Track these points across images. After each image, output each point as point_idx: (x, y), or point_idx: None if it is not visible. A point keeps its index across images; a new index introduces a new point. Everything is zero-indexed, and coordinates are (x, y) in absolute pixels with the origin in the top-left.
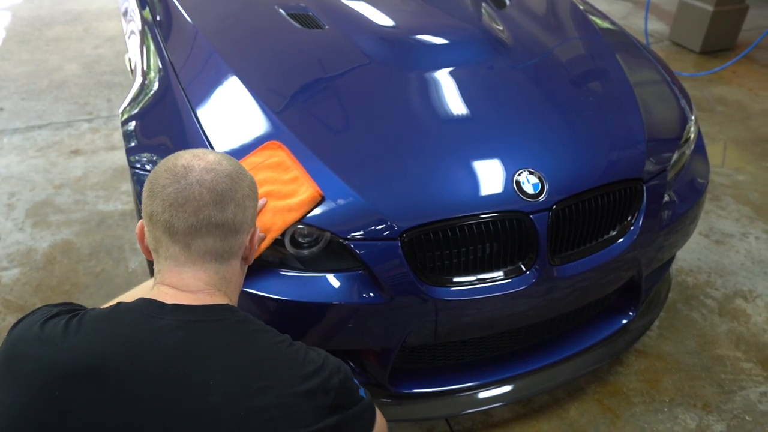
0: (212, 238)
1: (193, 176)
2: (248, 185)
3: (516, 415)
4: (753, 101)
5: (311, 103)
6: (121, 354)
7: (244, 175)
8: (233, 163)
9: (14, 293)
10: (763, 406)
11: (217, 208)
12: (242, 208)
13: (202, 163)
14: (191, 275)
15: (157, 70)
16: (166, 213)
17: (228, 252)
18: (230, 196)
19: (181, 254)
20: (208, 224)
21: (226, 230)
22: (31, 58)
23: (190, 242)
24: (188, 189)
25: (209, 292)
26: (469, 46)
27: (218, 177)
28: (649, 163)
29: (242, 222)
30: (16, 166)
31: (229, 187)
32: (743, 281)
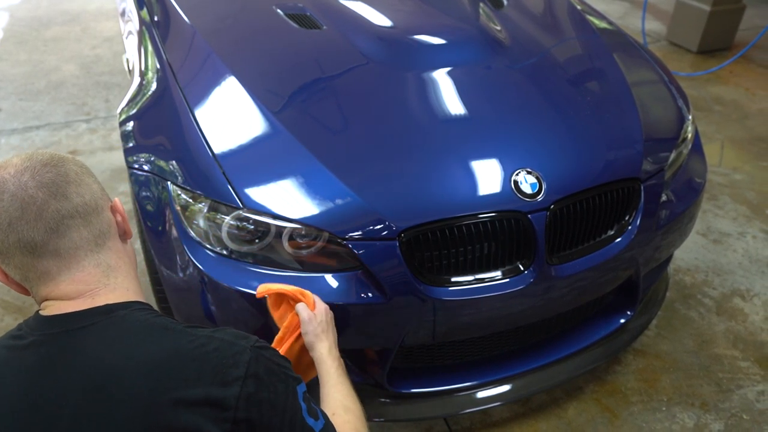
0: (75, 231)
1: (11, 185)
2: (74, 163)
3: (514, 415)
4: (750, 101)
5: (309, 103)
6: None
7: (63, 158)
8: (46, 153)
9: (12, 293)
10: (760, 404)
11: (58, 199)
12: (84, 186)
13: (11, 169)
14: (68, 282)
15: (155, 70)
16: (11, 235)
17: (99, 236)
18: (63, 180)
19: (52, 266)
20: (61, 219)
21: (84, 215)
22: (28, 58)
23: (57, 247)
24: (14, 199)
25: (92, 292)
26: (466, 46)
27: (38, 171)
28: (646, 162)
29: (94, 199)
30: None
31: (56, 174)
32: (741, 280)
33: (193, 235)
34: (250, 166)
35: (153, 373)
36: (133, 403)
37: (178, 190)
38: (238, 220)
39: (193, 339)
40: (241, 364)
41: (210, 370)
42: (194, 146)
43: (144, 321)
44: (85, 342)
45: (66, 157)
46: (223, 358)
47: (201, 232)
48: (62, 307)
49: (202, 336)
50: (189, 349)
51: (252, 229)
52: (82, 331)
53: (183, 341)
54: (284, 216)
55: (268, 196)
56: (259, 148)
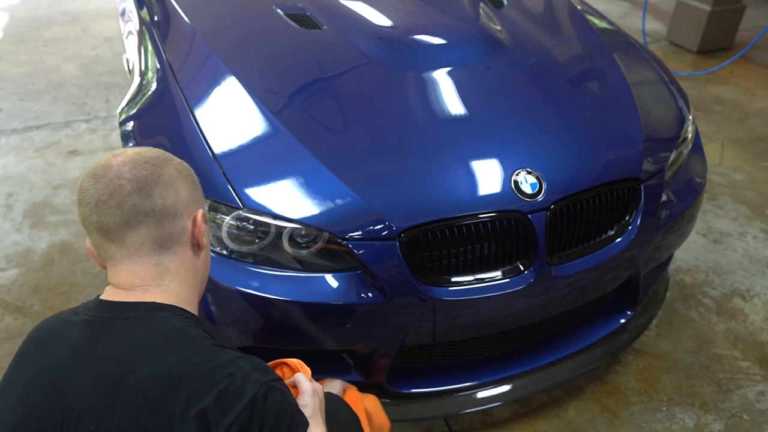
0: (145, 228)
1: (112, 172)
2: (175, 167)
3: (515, 415)
4: (750, 101)
5: (309, 103)
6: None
7: (168, 159)
8: (156, 151)
9: (12, 294)
10: (760, 404)
11: (141, 196)
12: (171, 190)
13: (120, 158)
14: (127, 272)
15: (155, 70)
16: (94, 215)
17: (168, 239)
18: (153, 180)
19: (117, 252)
20: (136, 213)
21: (159, 216)
22: (28, 58)
23: (124, 237)
24: (109, 185)
25: (144, 288)
26: (466, 46)
27: (137, 166)
28: (646, 162)
29: (175, 205)
30: (14, 166)
31: (151, 172)
32: (741, 280)
33: None
34: (250, 166)
35: (161, 381)
36: (135, 405)
37: None
38: (238, 220)
39: (213, 358)
40: (247, 395)
41: (215, 393)
42: (194, 146)
43: (176, 329)
44: (121, 333)
45: (170, 160)
46: (232, 386)
47: None
48: (117, 294)
49: (224, 358)
50: (205, 367)
51: (252, 229)
52: (125, 322)
53: (203, 358)
54: (284, 216)
55: (268, 196)
56: (259, 148)
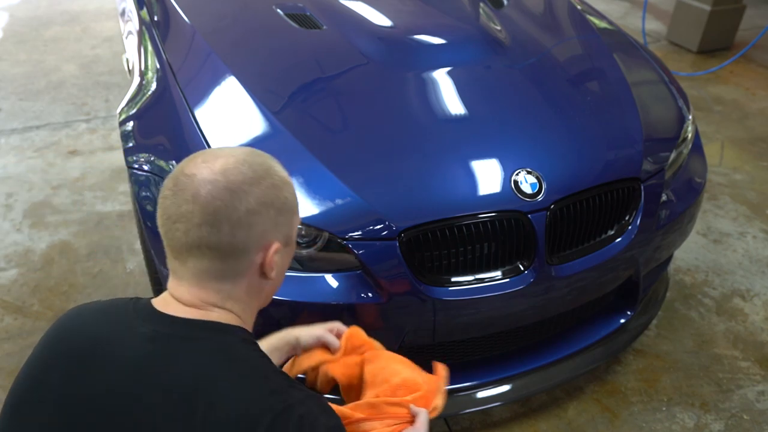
0: (208, 260)
1: (190, 190)
2: (261, 193)
3: (514, 415)
4: (750, 101)
5: (309, 103)
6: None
7: (259, 180)
8: (243, 169)
9: (12, 294)
10: (760, 404)
11: (210, 230)
12: (244, 227)
13: (205, 171)
14: (187, 290)
15: (154, 70)
16: (164, 227)
17: (231, 273)
18: (225, 215)
19: (179, 269)
20: (200, 246)
21: (224, 252)
22: (28, 58)
23: (185, 260)
24: (182, 205)
25: (207, 308)
26: (466, 46)
27: (215, 192)
28: (646, 162)
29: (245, 242)
30: (13, 166)
31: (226, 204)
32: (741, 280)
33: None
34: None
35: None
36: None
37: None
38: None
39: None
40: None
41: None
42: (194, 146)
43: (246, 359)
44: (187, 357)
45: (260, 181)
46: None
47: None
48: (177, 309)
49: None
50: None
51: None
52: (189, 344)
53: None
54: None
55: None
56: (259, 148)
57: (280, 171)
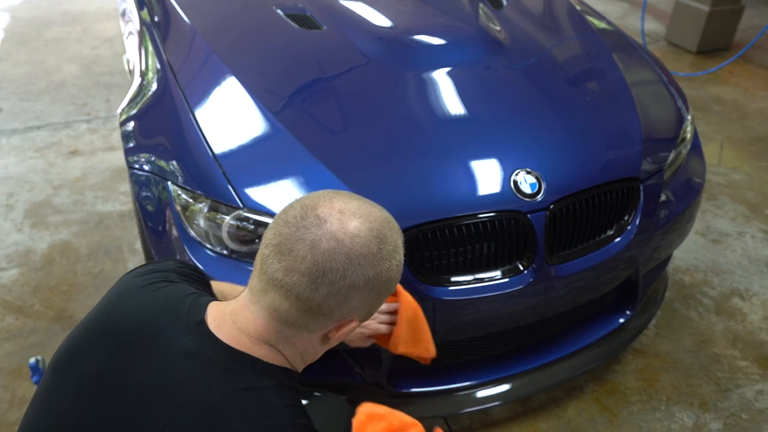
0: (289, 304)
1: (313, 234)
2: (368, 278)
3: (514, 414)
4: (749, 101)
5: (309, 103)
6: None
7: (371, 265)
8: (372, 244)
9: (13, 294)
10: (759, 404)
11: (309, 284)
12: (340, 296)
13: (336, 225)
14: (252, 317)
15: (155, 70)
16: (267, 248)
17: (301, 325)
18: (331, 279)
19: (256, 293)
20: (290, 289)
21: (308, 307)
22: (29, 58)
23: (270, 291)
24: (298, 243)
25: (254, 342)
26: (466, 46)
27: (334, 254)
28: (645, 162)
29: (332, 310)
30: (14, 166)
31: (338, 269)
32: (740, 280)
33: (193, 235)
34: (251, 166)
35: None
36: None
37: (179, 190)
38: (239, 220)
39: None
40: None
41: None
42: (194, 146)
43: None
44: (218, 388)
45: (380, 263)
46: None
47: (201, 232)
48: (230, 333)
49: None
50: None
51: (252, 229)
52: (226, 375)
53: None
54: None
55: (268, 196)
56: (259, 148)
57: (401, 252)
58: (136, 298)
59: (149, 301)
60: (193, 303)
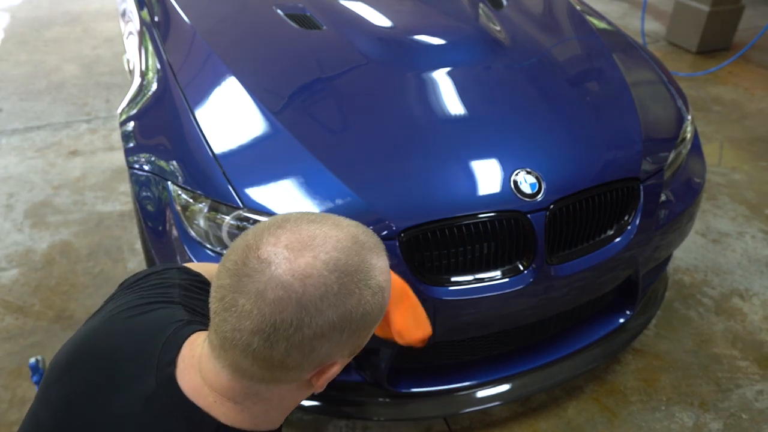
0: (249, 362)
1: (257, 284)
2: (331, 322)
3: (514, 414)
4: (749, 101)
5: (309, 103)
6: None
7: (333, 307)
8: (329, 281)
9: (13, 294)
10: (759, 404)
11: (263, 343)
12: (303, 349)
13: (282, 266)
14: (213, 370)
15: (155, 70)
16: (214, 303)
17: (272, 380)
18: (285, 334)
19: (215, 349)
20: (245, 349)
21: (271, 364)
22: (29, 59)
23: (225, 348)
24: (241, 298)
25: (217, 398)
26: (466, 46)
27: (284, 301)
28: (645, 162)
29: (299, 363)
30: (14, 166)
31: (290, 320)
32: (740, 280)
33: (193, 235)
34: (251, 166)
35: None
36: None
37: (179, 190)
38: (239, 220)
39: None
40: None
41: None
42: (194, 146)
43: None
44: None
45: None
46: None
47: (201, 232)
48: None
49: None
50: None
51: None
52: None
53: None
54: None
55: (268, 196)
56: (259, 148)
57: (376, 275)
58: (124, 320)
59: (134, 324)
60: (174, 334)
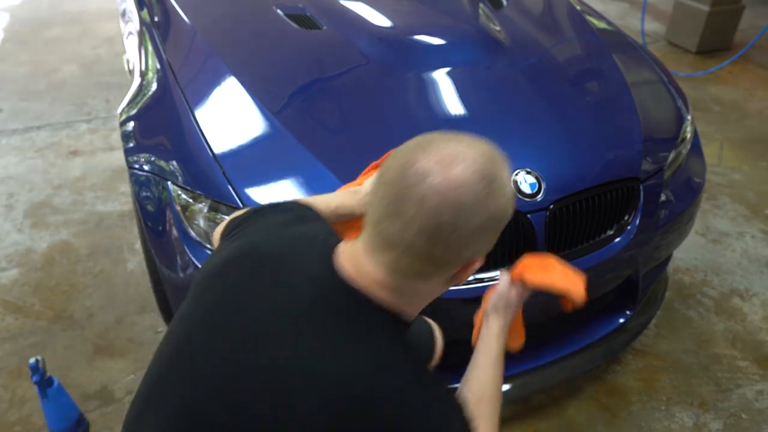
0: (409, 260)
1: (419, 191)
2: (481, 223)
3: (514, 414)
4: (749, 101)
5: (309, 103)
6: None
7: (481, 209)
8: (478, 188)
9: (13, 294)
10: (759, 404)
11: (424, 240)
12: (458, 246)
13: (438, 177)
14: (371, 268)
15: (155, 70)
16: (379, 210)
17: (424, 275)
18: (445, 234)
19: (373, 251)
20: (409, 248)
21: (429, 261)
22: (29, 59)
23: (385, 250)
24: (406, 203)
25: (378, 288)
26: (466, 46)
27: (442, 209)
28: (645, 162)
29: (453, 259)
30: (14, 166)
31: (449, 224)
32: (740, 280)
33: (193, 235)
34: (251, 166)
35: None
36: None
37: (179, 190)
38: None
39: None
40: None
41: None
42: (194, 146)
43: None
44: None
45: (489, 203)
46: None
47: (201, 232)
48: (351, 277)
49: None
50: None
51: None
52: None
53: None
54: None
55: (268, 196)
56: (259, 148)
57: (509, 184)
58: (276, 229)
59: (288, 232)
60: (326, 240)
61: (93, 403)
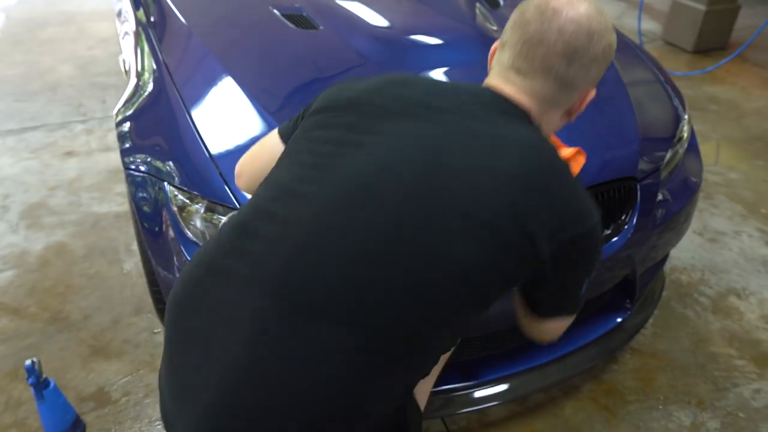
0: (547, 85)
1: (557, 23)
2: (603, 49)
3: (511, 414)
4: (746, 100)
5: (306, 103)
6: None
7: (603, 37)
8: (601, 20)
9: (8, 295)
10: (756, 402)
11: (565, 62)
12: (585, 69)
13: (571, 12)
14: (514, 94)
15: (151, 71)
16: (517, 47)
17: (556, 103)
18: (580, 55)
19: (516, 78)
20: (550, 71)
21: (562, 84)
22: (24, 59)
23: (533, 77)
24: (547, 33)
25: (527, 104)
26: (463, 45)
27: (579, 32)
28: (642, 162)
29: (580, 82)
30: (9, 167)
31: (584, 46)
32: (736, 279)
33: (190, 236)
34: None
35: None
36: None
37: (175, 191)
38: None
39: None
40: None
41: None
42: (191, 147)
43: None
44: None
45: (606, 35)
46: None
47: (198, 233)
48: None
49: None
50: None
51: None
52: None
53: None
54: None
55: None
56: None
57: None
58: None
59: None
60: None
61: (89, 405)
